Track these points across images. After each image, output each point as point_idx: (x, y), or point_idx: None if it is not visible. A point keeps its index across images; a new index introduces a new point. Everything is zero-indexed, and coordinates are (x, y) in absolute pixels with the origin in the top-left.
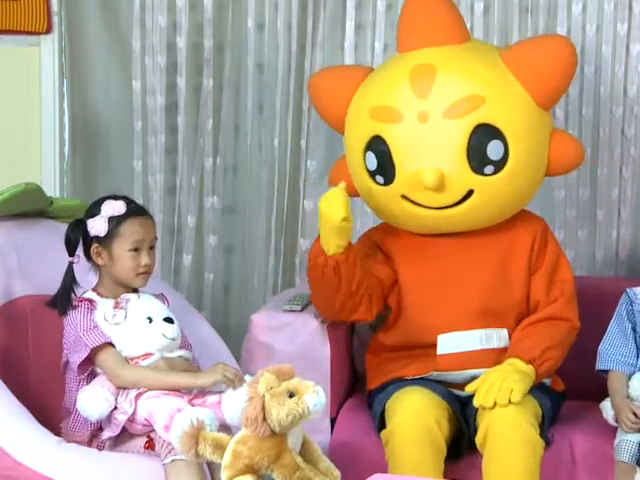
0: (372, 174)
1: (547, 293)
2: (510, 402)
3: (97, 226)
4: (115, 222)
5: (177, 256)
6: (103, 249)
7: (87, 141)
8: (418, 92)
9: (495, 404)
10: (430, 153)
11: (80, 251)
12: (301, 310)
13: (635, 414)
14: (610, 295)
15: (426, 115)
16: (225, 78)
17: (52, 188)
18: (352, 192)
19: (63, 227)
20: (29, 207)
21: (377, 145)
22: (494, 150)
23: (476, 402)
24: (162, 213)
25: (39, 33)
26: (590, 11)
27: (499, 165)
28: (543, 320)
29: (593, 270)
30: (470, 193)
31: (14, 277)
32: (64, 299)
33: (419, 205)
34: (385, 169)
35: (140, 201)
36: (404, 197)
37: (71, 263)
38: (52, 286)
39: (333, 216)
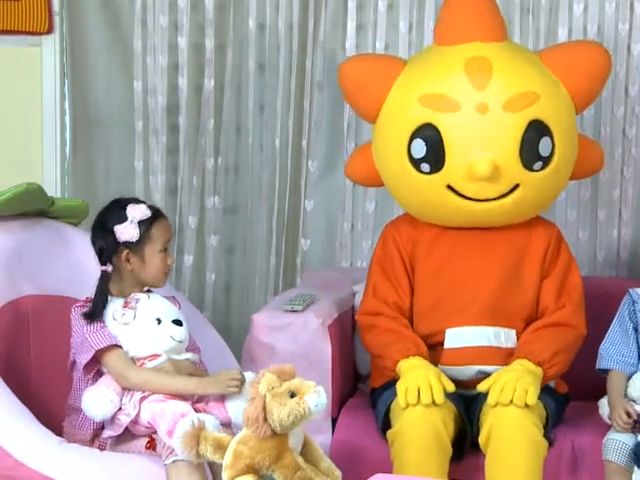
0: (417, 162)
1: (556, 299)
2: (526, 405)
3: (128, 232)
4: (145, 226)
5: (178, 256)
6: (134, 254)
7: (88, 141)
8: (476, 83)
9: (511, 402)
10: (485, 144)
11: (92, 255)
12: (302, 310)
13: (628, 414)
14: (612, 295)
15: (485, 106)
16: (226, 78)
17: (53, 188)
18: (375, 182)
19: (64, 227)
20: (30, 207)
21: (427, 132)
22: (544, 146)
23: (491, 400)
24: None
25: (40, 33)
26: (591, 11)
27: (546, 161)
28: (551, 326)
29: (594, 270)
30: (515, 187)
31: (16, 277)
32: (100, 309)
33: (462, 196)
34: (434, 157)
35: None
36: (449, 187)
37: (105, 272)
38: (53, 286)
39: (425, 400)
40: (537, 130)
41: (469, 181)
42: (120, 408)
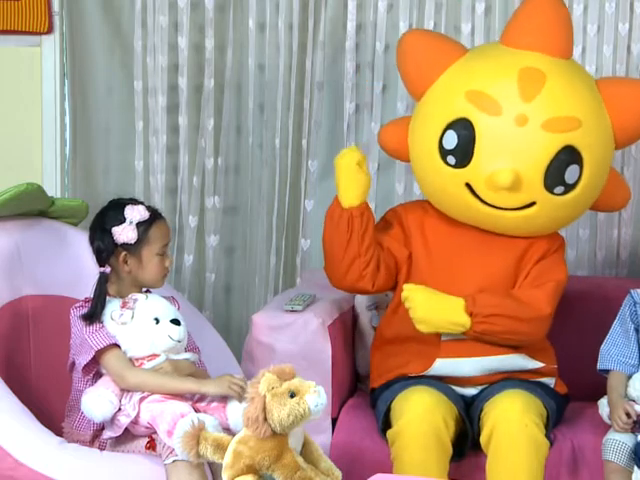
0: (445, 152)
1: (531, 281)
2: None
3: (126, 234)
4: (143, 228)
5: (178, 256)
6: (131, 256)
7: (88, 141)
8: (524, 94)
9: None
10: (513, 155)
11: (92, 255)
12: (302, 310)
13: (628, 414)
14: (611, 295)
15: (525, 119)
16: (226, 78)
17: (53, 188)
18: (402, 156)
19: (64, 227)
20: (30, 207)
21: (463, 127)
22: (571, 174)
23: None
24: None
25: (40, 33)
26: (591, 11)
27: (569, 188)
28: (514, 297)
29: (594, 270)
30: (531, 204)
31: (16, 277)
32: (98, 311)
33: (477, 198)
34: (462, 153)
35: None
36: (468, 185)
37: (103, 273)
38: (53, 286)
39: (349, 160)
40: (568, 156)
41: (488, 187)
42: (120, 409)
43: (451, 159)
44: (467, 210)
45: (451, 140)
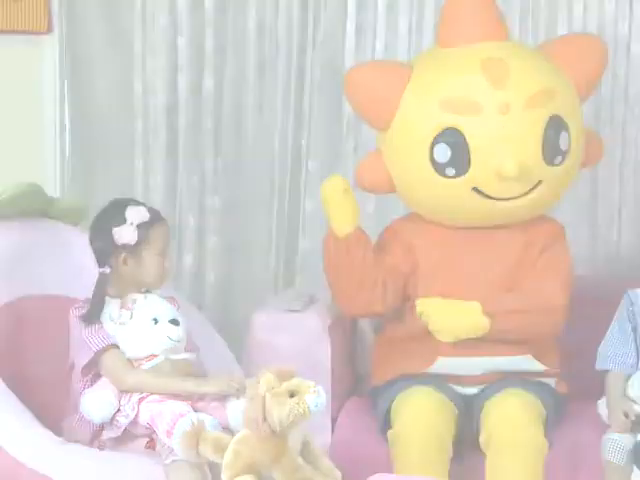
0: (441, 166)
1: (540, 272)
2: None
3: (127, 235)
4: (144, 229)
5: (178, 256)
6: (131, 257)
7: (88, 141)
8: (496, 84)
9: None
10: (510, 144)
11: (92, 255)
12: (302, 310)
13: (626, 414)
14: (611, 295)
15: (507, 106)
16: (226, 78)
17: (53, 188)
18: (389, 189)
19: (64, 227)
20: (30, 207)
21: (451, 137)
22: (563, 141)
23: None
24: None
25: (40, 33)
26: (591, 11)
27: (565, 155)
28: (525, 293)
29: (593, 270)
30: (538, 183)
31: (16, 277)
32: (97, 311)
33: (488, 197)
34: (459, 161)
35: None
36: (475, 189)
37: (103, 274)
38: (53, 286)
39: (335, 189)
40: (556, 126)
41: (497, 182)
42: (119, 409)
43: (450, 171)
44: (477, 213)
45: (443, 152)
